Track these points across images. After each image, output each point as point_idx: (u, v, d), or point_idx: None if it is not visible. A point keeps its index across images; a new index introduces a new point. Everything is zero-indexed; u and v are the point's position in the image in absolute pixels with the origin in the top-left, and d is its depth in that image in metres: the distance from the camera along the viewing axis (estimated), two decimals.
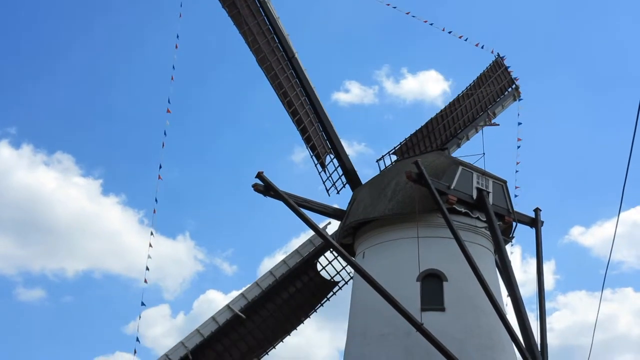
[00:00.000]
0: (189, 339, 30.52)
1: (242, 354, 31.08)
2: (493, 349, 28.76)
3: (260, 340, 31.58)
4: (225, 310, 31.54)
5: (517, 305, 28.18)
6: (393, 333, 28.26)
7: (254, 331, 31.63)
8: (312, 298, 33.27)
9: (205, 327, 30.93)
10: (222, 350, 30.97)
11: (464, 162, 31.24)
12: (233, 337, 31.36)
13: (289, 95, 33.68)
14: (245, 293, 31.99)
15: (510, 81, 39.29)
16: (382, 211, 30.48)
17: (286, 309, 32.62)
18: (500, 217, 31.23)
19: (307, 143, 34.09)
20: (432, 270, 29.25)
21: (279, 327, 32.18)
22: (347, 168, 34.77)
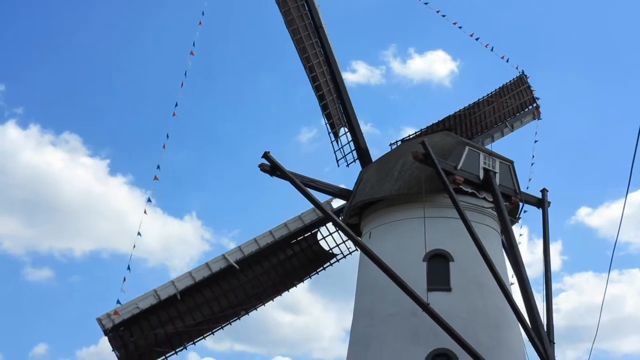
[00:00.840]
0: (180, 280, 30.60)
1: (231, 305, 30.99)
2: (499, 329, 28.80)
3: (251, 295, 31.54)
4: (220, 259, 31.62)
5: (524, 286, 28.19)
6: (399, 313, 28.32)
7: (246, 285, 31.63)
8: (307, 265, 33.31)
9: (198, 271, 31.01)
10: (211, 297, 30.95)
11: (470, 143, 31.17)
12: (224, 287, 31.35)
13: (311, 61, 34.44)
14: (243, 247, 32.03)
15: (532, 99, 39.12)
16: (388, 191, 30.46)
17: (281, 270, 32.64)
18: (507, 197, 31.18)
19: (324, 110, 34.44)
20: (439, 251, 29.25)
21: (270, 286, 32.16)
22: (359, 144, 34.82)
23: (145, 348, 29.49)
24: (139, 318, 29.72)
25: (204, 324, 30.34)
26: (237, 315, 31.22)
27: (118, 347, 28.97)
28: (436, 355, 27.65)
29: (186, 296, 30.60)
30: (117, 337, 29.18)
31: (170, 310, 30.27)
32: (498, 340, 28.58)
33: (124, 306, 29.45)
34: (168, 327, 29.80)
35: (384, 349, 28.50)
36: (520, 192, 32.06)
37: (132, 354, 29.19)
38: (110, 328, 28.95)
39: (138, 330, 29.67)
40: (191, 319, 30.10)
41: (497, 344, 28.42)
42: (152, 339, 29.62)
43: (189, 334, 30.16)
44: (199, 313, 30.49)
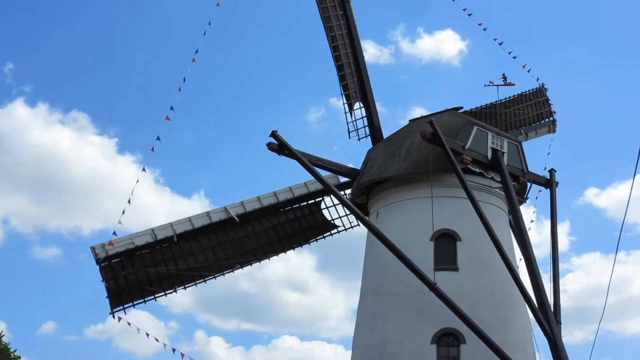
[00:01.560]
0: (179, 224, 30.68)
1: (227, 257, 31.04)
2: (506, 309, 28.85)
3: (247, 250, 31.56)
4: (221, 210, 31.70)
5: (531, 266, 28.19)
6: (406, 292, 28.38)
7: (244, 240, 31.65)
8: (308, 231, 33.33)
9: (197, 218, 31.10)
10: (208, 246, 31.01)
11: (479, 122, 31.06)
12: (222, 238, 31.39)
13: (334, 31, 34.62)
14: (245, 203, 32.10)
15: (549, 112, 38.76)
16: (396, 171, 30.42)
17: (280, 232, 32.65)
18: (515, 177, 31.10)
19: (341, 81, 34.53)
20: (446, 230, 29.26)
21: (268, 244, 32.17)
22: (373, 121, 34.86)
23: (135, 284, 29.54)
24: (133, 254, 29.81)
25: (197, 270, 30.31)
26: (231, 268, 31.22)
27: (108, 279, 29.03)
28: (443, 334, 27.77)
29: (183, 241, 30.65)
30: (108, 269, 29.25)
31: (165, 252, 30.35)
32: (505, 320, 28.64)
33: (120, 239, 29.58)
34: (161, 268, 29.85)
35: (391, 328, 28.58)
36: (528, 172, 31.99)
37: (121, 287, 29.21)
38: (102, 258, 29.01)
39: (130, 265, 29.74)
40: (184, 264, 30.14)
41: (504, 324, 28.48)
42: (144, 276, 29.67)
43: (181, 278, 30.17)
44: (193, 259, 30.48)
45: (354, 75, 34.86)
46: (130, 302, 29.48)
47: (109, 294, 29.11)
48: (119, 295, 29.19)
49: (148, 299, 29.85)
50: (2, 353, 48.59)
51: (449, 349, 27.70)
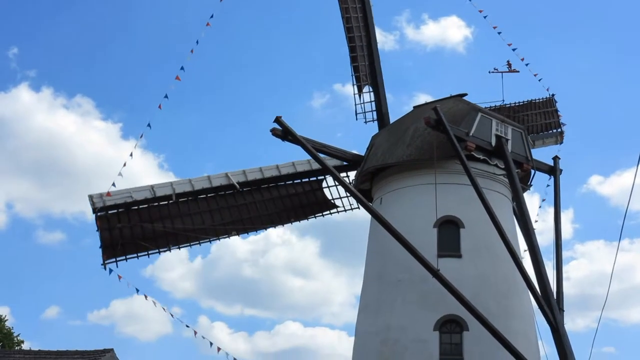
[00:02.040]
0: (179, 184, 30.74)
1: (223, 222, 31.05)
2: (509, 296, 28.87)
3: (245, 218, 31.58)
4: (222, 175, 31.69)
5: (534, 253, 28.20)
6: (409, 279, 28.41)
7: (242, 208, 31.67)
8: (307, 207, 33.36)
9: (198, 181, 31.10)
10: (206, 209, 31.01)
11: (483, 109, 31.01)
12: (220, 203, 31.42)
13: (349, 13, 34.64)
14: (247, 172, 32.10)
15: (557, 124, 38.40)
16: (399, 157, 30.39)
17: (280, 204, 32.68)
18: (519, 164, 31.06)
19: (352, 62, 34.56)
20: (449, 217, 29.26)
21: (266, 215, 32.18)
22: (381, 107, 34.92)
23: (130, 238, 29.52)
24: (130, 208, 29.80)
25: (193, 232, 30.32)
26: (227, 234, 31.26)
27: (103, 229, 29.01)
28: (445, 321, 27.81)
29: (181, 201, 30.69)
30: (104, 219, 29.21)
31: (163, 210, 30.34)
32: (507, 307, 28.66)
33: (119, 191, 29.50)
34: (157, 225, 29.83)
35: (394, 315, 28.62)
36: (532, 160, 31.95)
37: (115, 239, 29.18)
38: (99, 207, 28.96)
39: (126, 219, 29.70)
40: (181, 224, 30.15)
41: (507, 311, 28.51)
42: (139, 232, 29.64)
43: (176, 238, 30.19)
44: (190, 221, 30.50)
45: (366, 59, 34.96)
46: (123, 255, 29.40)
47: (103, 245, 29.08)
48: (113, 248, 29.12)
49: (141, 255, 29.81)
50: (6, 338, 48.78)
51: (452, 336, 27.76)
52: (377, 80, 35.01)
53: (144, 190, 30.07)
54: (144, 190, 30.08)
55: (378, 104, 34.92)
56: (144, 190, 30.08)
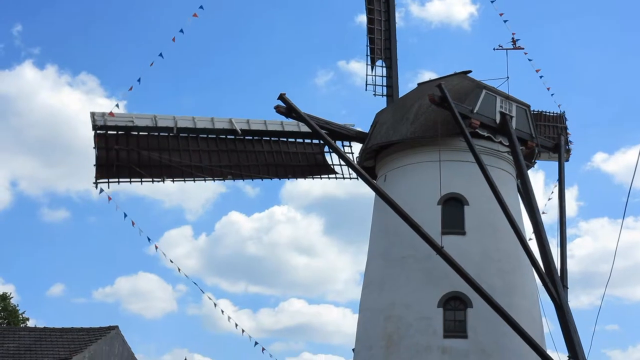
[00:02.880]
0: (182, 119, 30.62)
1: (221, 165, 30.89)
2: (513, 273, 28.91)
3: (243, 165, 31.48)
4: (226, 120, 31.57)
5: (538, 230, 28.22)
6: (413, 256, 28.44)
7: (241, 154, 31.58)
8: (305, 167, 33.17)
9: (201, 120, 30.99)
10: (205, 149, 30.91)
11: (487, 86, 30.90)
12: (220, 146, 31.32)
13: None
14: (251, 122, 31.96)
15: (566, 140, 37.76)
16: (404, 134, 30.32)
17: (279, 159, 32.49)
18: (523, 141, 31.02)
19: (369, 34, 34.47)
20: (453, 194, 29.22)
21: (264, 166, 32.03)
22: (392, 83, 34.75)
23: (126, 162, 29.42)
24: (130, 133, 29.70)
25: (189, 168, 30.29)
26: (222, 176, 31.15)
27: (100, 147, 28.89)
28: (449, 298, 27.86)
29: (182, 137, 30.61)
30: (103, 137, 29.08)
31: (162, 141, 30.25)
32: (511, 284, 28.71)
33: (121, 114, 29.51)
34: (154, 154, 29.77)
35: (398, 292, 28.69)
36: (536, 137, 31.89)
37: (111, 160, 29.10)
38: (100, 126, 28.82)
39: (125, 142, 29.61)
40: (178, 158, 30.10)
41: (511, 288, 28.57)
42: (136, 157, 29.54)
43: (171, 171, 30.11)
44: (188, 157, 30.41)
45: (383, 33, 34.88)
46: (117, 178, 29.30)
47: (97, 163, 28.91)
48: (107, 168, 29.02)
49: (135, 181, 29.68)
50: (11, 315, 49.06)
51: (456, 313, 27.82)
52: (391, 55, 34.93)
53: (146, 119, 29.94)
54: (147, 118, 29.96)
55: (389, 80, 34.81)
56: (147, 118, 29.96)
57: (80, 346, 29.76)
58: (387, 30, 35.09)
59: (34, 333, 31.76)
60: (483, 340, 27.39)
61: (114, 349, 32.22)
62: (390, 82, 34.80)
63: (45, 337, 30.93)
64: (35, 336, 31.07)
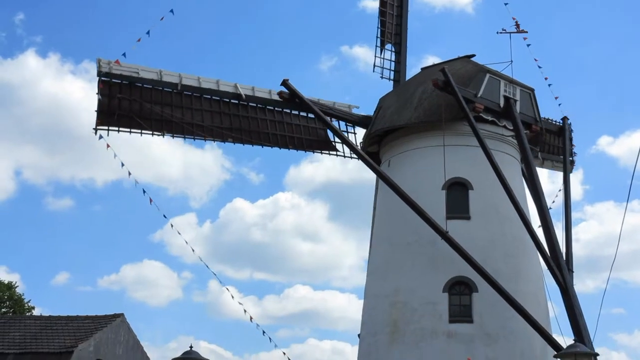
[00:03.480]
0: (187, 78, 30.46)
1: (222, 126, 30.82)
2: (518, 257, 28.85)
3: (244, 129, 31.32)
4: (231, 85, 31.42)
5: (543, 214, 28.16)
6: (418, 241, 28.39)
7: (244, 119, 31.48)
8: (307, 141, 33.00)
9: (206, 81, 30.87)
10: (208, 109, 30.79)
11: (491, 70, 30.77)
12: (223, 108, 31.19)
13: None
14: (256, 89, 31.83)
15: (570, 153, 37.28)
16: (408, 119, 30.22)
17: (282, 128, 32.34)
18: (527, 125, 30.94)
19: (380, 16, 34.56)
20: (458, 179, 29.14)
21: (265, 134, 31.91)
22: (400, 69, 34.74)
23: (128, 112, 29.33)
24: (135, 84, 29.57)
25: (191, 126, 30.19)
26: (222, 138, 31.04)
27: (103, 94, 28.75)
28: (454, 283, 27.82)
29: (186, 94, 30.49)
30: (107, 84, 28.97)
31: (166, 96, 30.13)
32: (517, 268, 28.66)
33: (127, 65, 29.30)
34: (156, 108, 29.66)
35: (403, 277, 28.66)
36: (540, 120, 31.81)
37: (113, 108, 29.00)
38: (105, 72, 28.72)
39: (128, 92, 29.47)
40: (180, 115, 30.05)
41: (516, 272, 28.51)
42: (137, 109, 29.45)
43: (172, 126, 30.07)
44: (190, 115, 30.30)
45: (394, 18, 34.85)
46: (117, 127, 29.20)
47: (99, 109, 28.78)
48: (109, 116, 28.92)
49: (134, 131, 29.58)
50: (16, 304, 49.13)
51: (461, 298, 27.79)
52: (401, 41, 34.93)
53: (152, 72, 29.81)
54: (152, 72, 29.83)
55: (397, 65, 34.76)
56: (152, 72, 29.83)
57: (86, 334, 29.78)
58: (398, 16, 35.06)
59: (39, 321, 31.78)
60: (488, 324, 27.35)
61: (120, 337, 32.25)
62: (399, 67, 34.79)
63: (50, 325, 30.94)
64: (41, 325, 31.08)
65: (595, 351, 24.37)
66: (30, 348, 28.40)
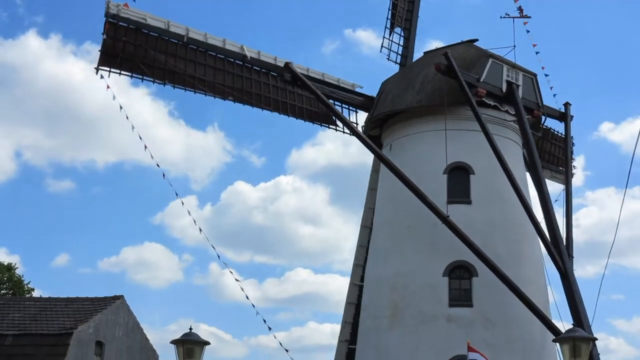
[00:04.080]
0: (194, 32, 30.24)
1: (224, 84, 30.75)
2: (518, 242, 28.87)
3: (247, 90, 31.23)
4: (238, 46, 31.29)
5: (544, 199, 28.19)
6: (419, 225, 28.37)
7: (247, 80, 31.37)
8: (308, 111, 32.92)
9: (212, 38, 30.70)
10: (212, 65, 30.73)
11: (494, 55, 30.68)
12: (227, 67, 31.11)
13: None
14: (262, 54, 31.77)
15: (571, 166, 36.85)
16: (409, 103, 30.17)
17: (284, 95, 32.32)
18: (530, 110, 30.88)
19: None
20: (459, 163, 29.10)
21: (268, 97, 31.81)
22: (408, 54, 34.53)
23: (132, 55, 29.16)
24: (141, 30, 29.43)
25: (193, 79, 30.11)
26: (223, 95, 30.92)
27: (109, 35, 28.58)
28: (455, 267, 27.86)
29: (191, 48, 30.42)
30: (113, 26, 28.76)
31: (171, 46, 30.02)
32: (517, 253, 28.69)
33: (136, 10, 29.15)
34: (160, 56, 29.54)
35: (403, 261, 28.68)
36: (542, 106, 31.76)
37: (117, 50, 28.81)
38: (112, 14, 28.54)
39: (134, 36, 29.33)
40: (184, 67, 29.99)
41: (516, 257, 28.54)
42: (142, 54, 29.29)
43: (174, 76, 29.93)
44: (193, 67, 30.25)
45: (406, 4, 34.71)
46: (119, 69, 29.08)
47: (103, 50, 28.63)
48: (112, 58, 28.77)
49: (136, 76, 29.45)
50: (16, 286, 49.16)
51: (461, 282, 27.83)
52: (410, 26, 34.71)
53: (160, 21, 29.65)
54: (160, 21, 29.67)
55: (405, 50, 34.52)
56: (160, 21, 29.67)
57: (85, 316, 29.72)
58: (410, 2, 34.87)
59: (39, 303, 31.72)
60: (488, 309, 27.41)
61: (119, 319, 32.24)
62: (406, 52, 34.50)
63: (50, 307, 30.89)
64: (40, 306, 31.03)
65: None
66: (30, 329, 28.32)
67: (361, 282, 32.02)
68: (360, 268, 32.46)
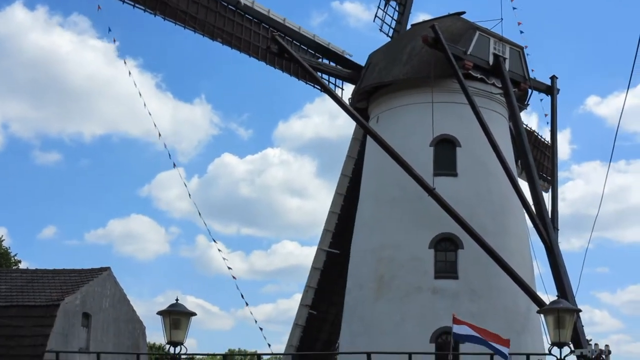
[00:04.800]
0: None
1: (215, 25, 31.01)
2: (504, 215, 29.02)
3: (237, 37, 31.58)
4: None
5: (530, 172, 28.29)
6: (405, 197, 28.47)
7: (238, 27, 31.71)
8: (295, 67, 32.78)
9: None
10: (205, 5, 30.91)
11: (481, 28, 30.66)
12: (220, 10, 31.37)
13: None
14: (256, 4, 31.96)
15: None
16: (396, 75, 30.15)
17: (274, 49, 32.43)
18: (516, 83, 30.90)
19: None
20: (446, 136, 29.17)
21: (257, 47, 32.03)
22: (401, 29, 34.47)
23: None
24: None
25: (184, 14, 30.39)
26: (212, 35, 31.17)
27: None
28: (441, 239, 28.02)
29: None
30: None
31: None
32: (502, 226, 28.86)
33: None
34: None
35: (389, 233, 28.79)
36: (529, 79, 31.78)
37: None
38: None
39: None
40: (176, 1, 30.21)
41: (502, 229, 28.73)
42: None
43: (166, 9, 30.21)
44: (186, 4, 30.50)
45: None
46: None
47: None
48: None
49: (127, 2, 29.89)
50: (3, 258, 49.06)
51: (447, 254, 28.01)
52: (406, 2, 34.85)
53: None
54: None
55: (398, 25, 34.53)
56: None
57: (72, 287, 29.71)
58: None
59: (25, 275, 31.67)
60: (473, 281, 27.61)
61: (106, 291, 32.22)
62: (399, 27, 34.47)
63: (36, 278, 30.86)
64: (27, 278, 30.98)
65: None
66: (17, 301, 28.31)
67: (329, 248, 32.11)
68: (330, 234, 32.57)
